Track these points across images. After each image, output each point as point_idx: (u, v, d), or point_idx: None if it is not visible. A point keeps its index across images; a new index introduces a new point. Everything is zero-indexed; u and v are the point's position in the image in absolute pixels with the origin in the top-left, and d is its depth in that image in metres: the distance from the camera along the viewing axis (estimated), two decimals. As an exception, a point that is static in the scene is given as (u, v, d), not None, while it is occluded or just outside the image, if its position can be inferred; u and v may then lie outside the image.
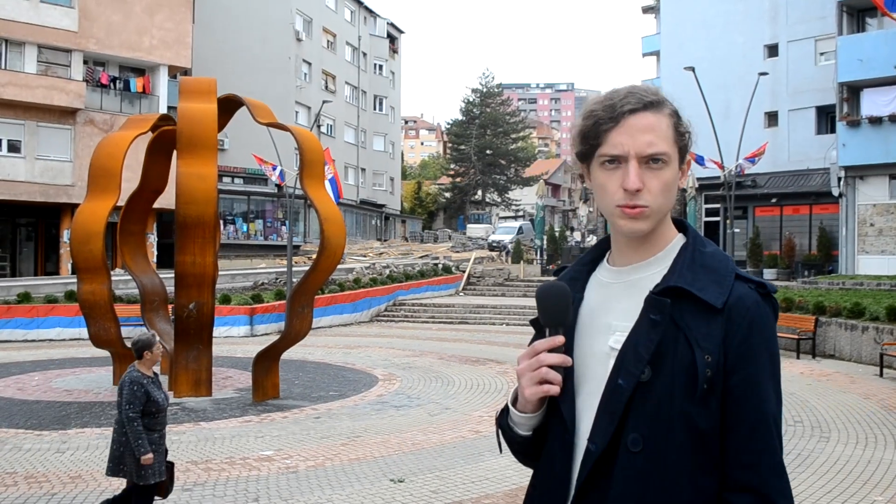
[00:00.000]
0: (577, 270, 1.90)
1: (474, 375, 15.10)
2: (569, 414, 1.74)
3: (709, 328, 1.65)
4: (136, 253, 15.36)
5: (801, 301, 19.74)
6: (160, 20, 36.99)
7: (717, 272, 1.71)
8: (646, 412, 1.65)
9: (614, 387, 1.68)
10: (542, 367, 1.69)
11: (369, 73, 65.60)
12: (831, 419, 11.02)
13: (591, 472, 1.68)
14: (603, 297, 1.80)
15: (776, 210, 36.27)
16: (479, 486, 7.86)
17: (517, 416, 1.80)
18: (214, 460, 8.87)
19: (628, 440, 1.65)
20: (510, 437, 1.85)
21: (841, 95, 32.26)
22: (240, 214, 48.59)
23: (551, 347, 1.70)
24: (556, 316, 1.73)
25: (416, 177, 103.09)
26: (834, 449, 9.35)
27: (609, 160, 1.71)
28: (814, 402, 12.11)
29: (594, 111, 1.73)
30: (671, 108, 1.75)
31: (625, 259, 1.81)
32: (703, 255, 1.74)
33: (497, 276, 34.95)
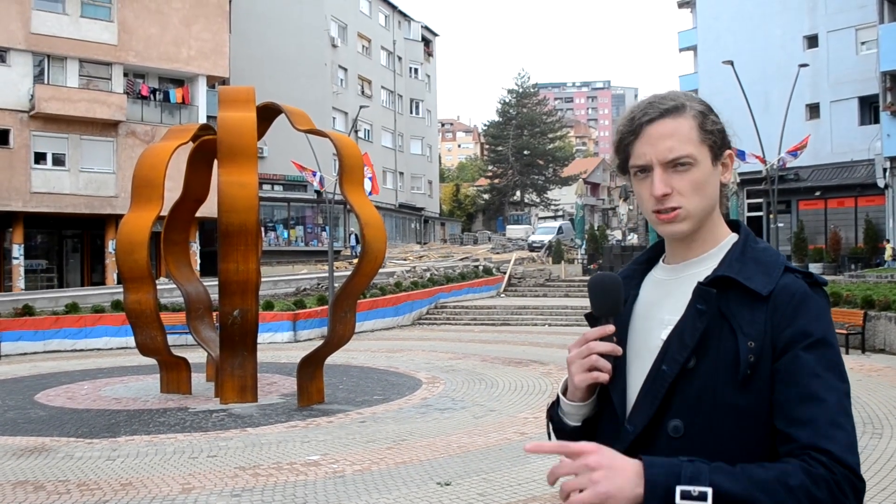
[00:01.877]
0: (633, 269, 1.94)
1: (518, 377, 15.06)
2: (620, 404, 1.76)
3: (752, 315, 1.66)
4: (180, 262, 15.53)
5: (849, 295, 19.43)
6: (197, 31, 37.43)
7: (767, 265, 1.72)
8: (689, 399, 1.66)
9: (657, 372, 1.70)
10: (592, 355, 1.71)
11: (405, 77, 65.79)
12: (884, 415, 10.82)
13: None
14: (658, 294, 1.83)
15: (820, 203, 35.78)
16: (525, 488, 7.83)
17: (567, 406, 1.82)
18: (262, 466, 8.93)
19: (669, 427, 1.67)
20: (560, 428, 1.87)
21: (884, 85, 31.74)
22: (280, 221, 48.97)
23: (602, 336, 1.72)
24: (607, 305, 1.76)
25: (454, 179, 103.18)
26: (888, 445, 9.17)
27: (639, 170, 1.76)
28: (865, 398, 11.90)
29: (619, 127, 1.80)
30: (695, 110, 1.76)
31: (678, 257, 1.84)
32: (755, 250, 1.76)
33: (538, 276, 34.85)
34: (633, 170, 1.78)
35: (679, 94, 1.80)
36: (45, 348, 21.07)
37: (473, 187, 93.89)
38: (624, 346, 1.77)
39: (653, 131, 1.73)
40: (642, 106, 1.78)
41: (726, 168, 1.81)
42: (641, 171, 1.76)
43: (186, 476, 8.50)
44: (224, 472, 8.67)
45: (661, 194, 1.71)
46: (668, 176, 1.72)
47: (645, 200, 1.77)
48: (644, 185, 1.76)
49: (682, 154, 1.72)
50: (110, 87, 35.43)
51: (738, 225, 1.85)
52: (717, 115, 1.80)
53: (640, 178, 1.77)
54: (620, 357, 1.75)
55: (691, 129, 1.74)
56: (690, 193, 1.73)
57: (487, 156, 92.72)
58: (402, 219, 64.32)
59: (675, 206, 1.72)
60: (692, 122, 1.75)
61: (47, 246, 36.78)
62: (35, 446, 10.03)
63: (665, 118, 1.74)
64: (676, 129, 1.73)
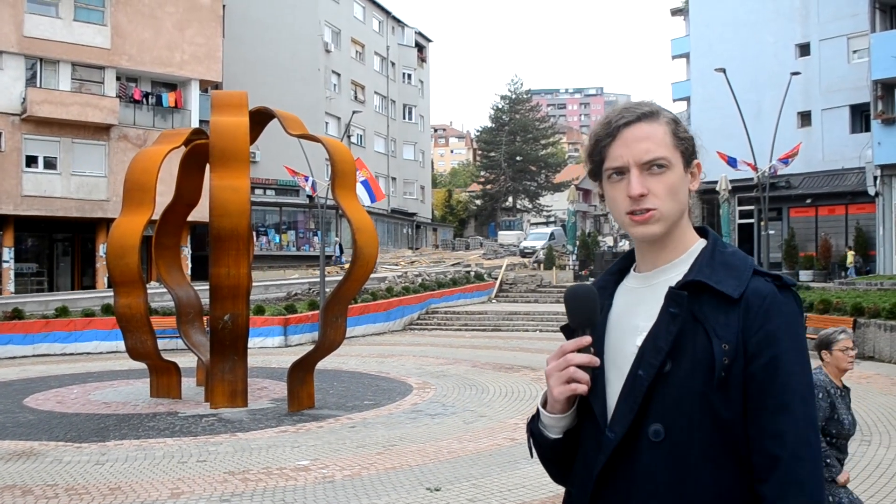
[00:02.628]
0: (606, 280, 1.96)
1: (508, 383, 15.06)
2: (601, 413, 1.77)
3: (727, 318, 1.70)
4: (171, 266, 15.50)
5: (839, 303, 19.50)
6: (190, 35, 37.42)
7: (736, 268, 1.76)
8: (667, 403, 1.69)
9: (634, 378, 1.73)
10: (570, 367, 1.72)
11: (398, 83, 65.85)
12: (873, 422, 10.86)
13: (609, 461, 1.72)
14: (631, 302, 1.86)
15: (811, 211, 35.91)
16: (515, 493, 7.82)
17: (547, 419, 1.83)
18: (252, 470, 8.91)
19: (650, 431, 1.70)
20: (540, 441, 1.88)
21: (875, 93, 31.87)
22: (272, 225, 48.96)
23: (579, 347, 1.74)
24: (583, 317, 1.78)
25: (447, 185, 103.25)
26: (876, 452, 9.21)
27: (614, 172, 1.79)
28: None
29: (595, 131, 1.83)
30: (668, 118, 1.81)
31: (649, 265, 1.86)
32: (724, 255, 1.80)
33: (529, 282, 34.87)
34: (608, 172, 1.80)
35: (652, 103, 1.84)
36: (34, 352, 20.98)
37: (466, 193, 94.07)
38: (601, 355, 1.79)
39: (629, 134, 1.77)
40: (618, 111, 1.81)
41: (694, 177, 1.85)
42: (617, 173, 1.78)
43: (175, 481, 8.48)
44: (213, 476, 8.65)
45: (638, 194, 1.74)
46: (644, 178, 1.75)
47: (618, 203, 1.79)
48: (618, 188, 1.79)
49: (658, 156, 1.75)
50: (103, 91, 35.37)
51: (705, 231, 1.89)
52: (687, 128, 1.84)
53: (614, 181, 1.80)
54: (598, 366, 1.77)
55: (666, 134, 1.78)
56: (665, 196, 1.76)
57: (480, 161, 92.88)
58: (394, 224, 64.33)
59: (650, 207, 1.75)
60: (666, 128, 1.79)
61: (38, 249, 36.68)
62: (23, 450, 9.99)
63: (641, 122, 1.77)
64: (652, 133, 1.77)
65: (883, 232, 31.67)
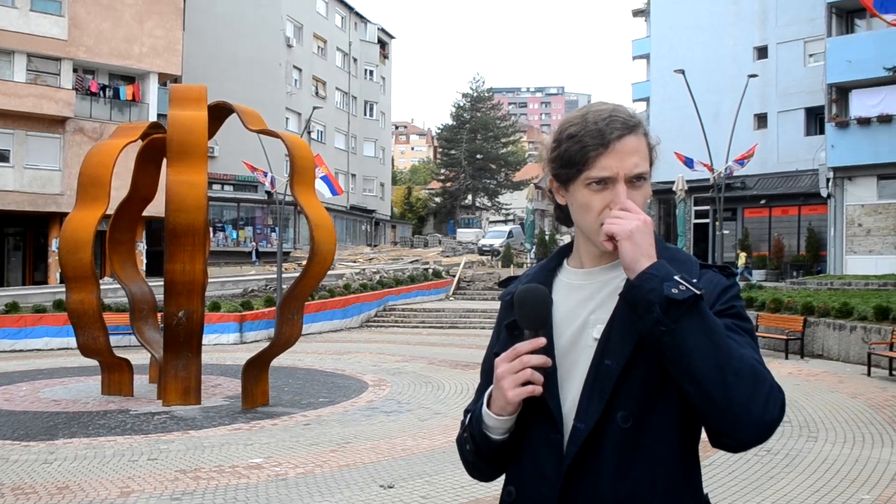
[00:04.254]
0: (543, 276, 1.96)
1: (464, 380, 15.11)
2: (556, 410, 1.79)
3: None
4: (126, 261, 15.31)
5: (790, 301, 19.81)
6: (150, 28, 36.98)
7: (684, 262, 1.82)
8: (633, 391, 1.73)
9: (600, 368, 1.75)
10: (527, 369, 1.72)
11: (360, 79, 65.63)
12: (819, 419, 11.06)
13: (580, 451, 1.75)
14: (577, 297, 1.88)
15: (765, 211, 36.41)
16: (468, 490, 7.85)
17: (494, 421, 1.82)
18: (203, 469, 8.85)
19: (618, 417, 1.73)
20: (482, 444, 1.87)
21: (830, 97, 32.40)
22: (229, 221, 48.56)
23: (533, 349, 1.73)
24: (537, 318, 1.76)
25: (407, 182, 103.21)
26: (822, 448, 9.38)
27: (597, 181, 1.79)
28: (802, 402, 12.15)
29: (578, 136, 1.80)
30: (644, 130, 1.84)
31: (594, 262, 1.89)
32: (670, 251, 1.84)
33: (487, 280, 34.98)
34: (590, 180, 1.79)
35: (631, 111, 1.85)
36: (-17, 348, 20.62)
37: (425, 190, 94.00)
38: (552, 351, 1.81)
39: (621, 147, 1.77)
40: (606, 118, 1.79)
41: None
42: (599, 182, 1.78)
43: (125, 479, 8.39)
44: (164, 475, 8.57)
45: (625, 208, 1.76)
46: (628, 191, 1.78)
47: (595, 211, 1.80)
48: (598, 197, 1.79)
49: (643, 171, 1.80)
50: (59, 83, 34.84)
51: None
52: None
53: (595, 190, 1.79)
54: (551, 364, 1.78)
55: (645, 147, 1.82)
56: (642, 208, 1.79)
57: (440, 159, 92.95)
58: (353, 221, 64.15)
59: None
60: (645, 140, 1.82)
61: (-12, 244, 36.06)
62: (-30, 448, 9.82)
63: (631, 134, 1.79)
64: (639, 146, 1.80)
65: (834, 233, 32.22)
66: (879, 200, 31.33)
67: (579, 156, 1.79)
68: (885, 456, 8.98)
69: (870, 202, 31.55)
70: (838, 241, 32.11)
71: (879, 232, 31.34)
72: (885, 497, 7.46)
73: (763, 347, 18.85)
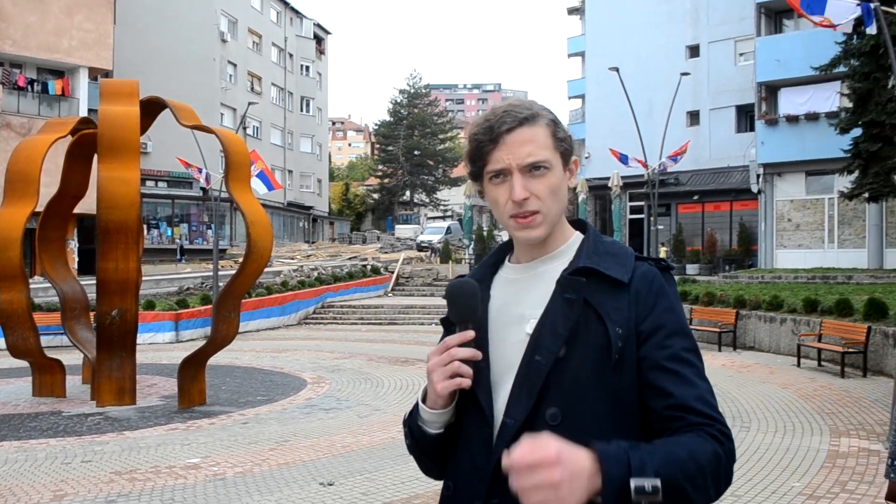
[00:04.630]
0: (482, 272, 1.97)
1: (404, 376, 15.12)
2: (487, 404, 1.78)
3: (617, 302, 1.75)
4: (56, 260, 14.98)
5: (723, 295, 20.22)
6: (79, 21, 36.13)
7: (620, 255, 1.82)
8: (563, 387, 1.72)
9: (531, 364, 1.74)
10: (455, 362, 1.73)
11: (296, 75, 65.10)
12: (752, 409, 11.31)
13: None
14: (512, 292, 1.88)
15: (698, 207, 37.10)
16: (408, 486, 7.87)
17: (428, 414, 1.83)
18: (139, 470, 8.71)
19: (547, 415, 1.72)
20: (420, 437, 1.88)
21: (759, 95, 33.14)
22: (164, 218, 47.77)
23: (462, 342, 1.74)
24: (465, 312, 1.78)
25: (345, 178, 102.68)
26: (754, 438, 9.60)
27: (495, 175, 1.81)
28: (735, 393, 12.42)
29: (476, 134, 1.83)
30: (548, 119, 1.84)
31: (528, 256, 1.89)
32: (605, 244, 1.86)
33: (426, 276, 35.01)
34: (489, 175, 1.82)
35: (532, 104, 1.86)
36: None
37: (363, 186, 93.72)
38: (486, 346, 1.81)
39: (511, 139, 1.78)
40: (499, 114, 1.82)
41: (572, 174, 1.89)
42: (497, 175, 1.80)
43: (59, 482, 8.22)
44: (99, 477, 8.42)
45: (522, 198, 1.76)
46: (527, 181, 1.78)
47: (501, 205, 1.81)
48: (501, 190, 1.81)
49: (540, 159, 1.78)
50: (-17, 77, 33.86)
51: (583, 224, 1.94)
52: (565, 127, 1.88)
53: (496, 183, 1.81)
54: (483, 357, 1.78)
55: (546, 137, 1.81)
56: (547, 197, 1.79)
57: (378, 155, 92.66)
58: (291, 217, 63.63)
59: (534, 209, 1.78)
60: (546, 130, 1.81)
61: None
62: None
63: (523, 126, 1.79)
64: (533, 136, 1.79)
65: (764, 228, 32.98)
66: (808, 196, 32.15)
67: (477, 153, 1.83)
68: (815, 444, 9.24)
69: (798, 198, 32.36)
70: (769, 235, 32.88)
71: (808, 227, 32.16)
72: (815, 484, 7.67)
73: (697, 340, 19.13)
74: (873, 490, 7.43)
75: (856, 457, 8.65)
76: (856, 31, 18.79)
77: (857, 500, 7.15)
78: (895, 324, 14.45)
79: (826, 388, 12.97)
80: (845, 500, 7.16)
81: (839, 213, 31.22)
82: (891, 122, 22.48)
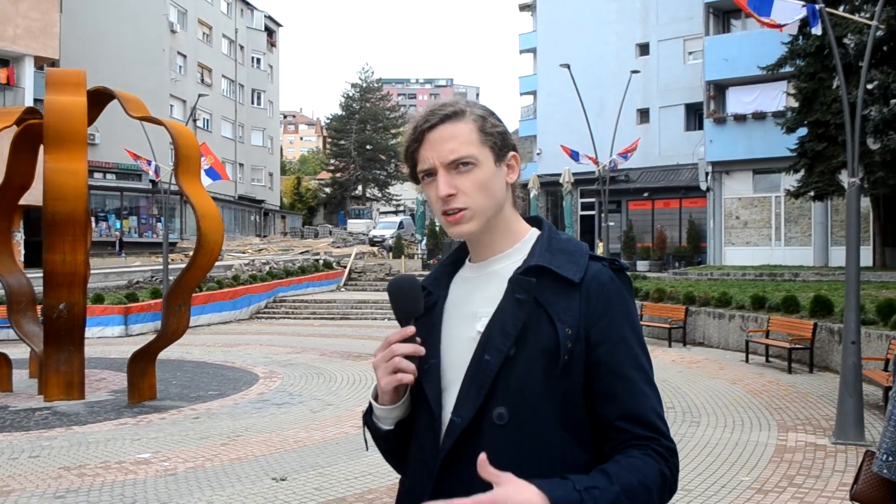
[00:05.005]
0: (440, 271, 1.97)
1: (356, 371, 15.08)
2: (435, 400, 1.79)
3: (568, 302, 1.74)
4: (2, 252, 14.66)
5: (672, 291, 20.48)
6: (24, 9, 35.34)
7: (573, 253, 1.81)
8: (511, 387, 1.72)
9: (480, 363, 1.74)
10: (395, 357, 1.74)
11: (247, 67, 64.50)
12: (701, 404, 11.48)
13: (455, 445, 1.74)
14: (466, 290, 1.88)
15: (648, 204, 37.51)
16: (362, 481, 7.86)
17: (379, 410, 1.85)
18: (88, 465, 8.58)
19: (494, 415, 1.72)
20: (375, 433, 1.90)
21: (708, 94, 33.62)
22: (112, 211, 47.03)
23: (403, 338, 1.75)
24: (406, 308, 1.80)
25: (296, 172, 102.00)
26: (704, 433, 9.74)
27: (426, 174, 1.81)
28: (685, 389, 12.59)
29: (406, 137, 1.85)
30: (475, 114, 1.82)
31: (482, 255, 1.89)
32: (560, 241, 1.84)
33: (378, 271, 34.96)
34: (421, 175, 1.83)
35: (459, 101, 1.85)
36: None
37: (315, 181, 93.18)
38: (438, 344, 1.82)
39: (434, 136, 1.79)
40: (423, 115, 1.83)
41: (511, 169, 1.87)
42: (428, 174, 1.81)
43: (5, 478, 8.07)
44: (47, 472, 8.28)
45: (446, 195, 1.76)
46: (452, 177, 1.77)
47: (434, 203, 1.82)
48: (431, 189, 1.81)
49: (462, 155, 1.77)
50: (-76, 65, 33.01)
51: (539, 220, 1.94)
52: (500, 120, 1.86)
53: (427, 183, 1.82)
54: (434, 355, 1.80)
55: (471, 132, 1.80)
56: (475, 193, 1.78)
57: (330, 149, 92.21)
58: (242, 211, 63.07)
59: (461, 206, 1.77)
60: (472, 126, 1.80)
61: None
62: None
63: (445, 123, 1.79)
64: (456, 133, 1.79)
65: (713, 225, 33.47)
66: (755, 194, 32.70)
67: (407, 154, 1.85)
68: (763, 439, 9.40)
69: (746, 195, 32.90)
70: (717, 232, 33.39)
71: (755, 224, 32.72)
72: (764, 478, 7.81)
73: (647, 336, 19.41)
74: (820, 484, 7.60)
75: (803, 451, 8.83)
76: (801, 31, 19.14)
77: (805, 494, 7.30)
78: (840, 320, 14.75)
79: (774, 384, 13.20)
80: (793, 494, 7.31)
81: (786, 212, 31.82)
82: (835, 122, 22.91)
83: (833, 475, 7.87)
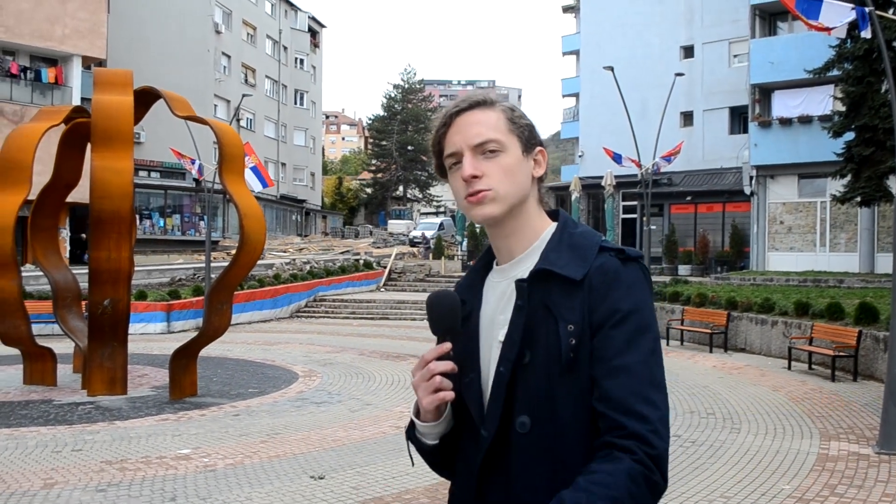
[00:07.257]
0: (471, 278, 1.95)
1: (395, 371, 15.11)
2: (477, 413, 1.78)
3: (571, 301, 1.71)
4: (48, 248, 14.93)
5: (714, 296, 20.25)
6: (73, 9, 35.94)
7: (582, 248, 1.76)
8: (530, 394, 1.71)
9: (497, 375, 1.74)
10: (435, 377, 1.73)
11: (290, 67, 64.97)
12: (742, 411, 11.34)
13: (487, 456, 1.74)
14: (494, 298, 1.86)
15: (691, 208, 37.13)
16: (399, 481, 7.87)
17: (422, 427, 1.84)
18: (130, 460, 8.70)
19: (517, 424, 1.71)
20: (420, 447, 1.90)
21: (753, 97, 33.19)
22: (156, 209, 47.64)
23: (439, 355, 1.74)
24: (444, 324, 1.78)
25: (337, 172, 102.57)
26: (745, 440, 9.63)
27: (453, 161, 1.81)
28: (725, 395, 12.45)
29: (435, 125, 1.87)
30: (504, 106, 1.83)
31: (506, 257, 1.87)
32: (572, 236, 1.80)
33: (418, 271, 34.99)
34: (448, 161, 1.82)
35: (490, 93, 1.86)
36: None
37: (356, 181, 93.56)
38: (477, 356, 1.81)
39: (462, 121, 1.80)
40: (455, 102, 1.84)
41: (538, 164, 1.85)
42: (455, 162, 1.80)
43: (49, 471, 8.21)
44: (89, 466, 8.41)
45: (470, 175, 1.75)
46: (478, 161, 1.77)
47: (457, 190, 1.81)
48: (457, 177, 1.80)
49: (489, 138, 1.77)
50: (-24, 64, 33.68)
51: (557, 213, 1.90)
52: (525, 116, 1.85)
53: (454, 170, 1.81)
54: (474, 367, 1.79)
55: (499, 120, 1.80)
56: (500, 177, 1.76)
57: (371, 150, 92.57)
58: (283, 210, 63.53)
59: (484, 188, 1.76)
60: (500, 115, 1.81)
61: None
62: None
63: (475, 109, 1.81)
64: (485, 118, 1.79)
65: (756, 230, 33.05)
66: (800, 199, 32.23)
67: (435, 141, 1.85)
68: (805, 447, 9.27)
69: (791, 200, 32.44)
70: (761, 237, 32.95)
71: (800, 230, 32.25)
72: (805, 487, 7.69)
73: (688, 341, 19.26)
74: (862, 494, 7.47)
75: (846, 460, 8.68)
76: (850, 34, 18.84)
77: None
78: (886, 328, 14.49)
79: (816, 392, 13.01)
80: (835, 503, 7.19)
81: (831, 217, 31.32)
82: (883, 127, 22.53)
83: (876, 485, 7.73)
